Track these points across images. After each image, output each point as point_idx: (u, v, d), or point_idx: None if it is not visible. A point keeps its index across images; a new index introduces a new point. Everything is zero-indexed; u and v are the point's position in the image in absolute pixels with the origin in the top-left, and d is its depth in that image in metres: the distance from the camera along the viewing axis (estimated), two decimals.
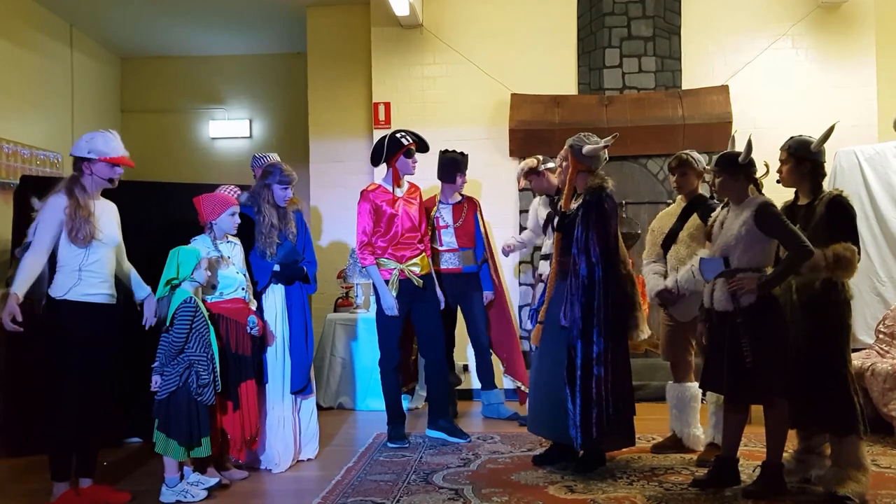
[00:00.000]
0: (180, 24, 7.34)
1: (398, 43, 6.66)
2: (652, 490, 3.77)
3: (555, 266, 4.25)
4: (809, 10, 6.42)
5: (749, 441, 4.40)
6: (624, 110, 6.21)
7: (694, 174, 4.41)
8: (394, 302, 4.76)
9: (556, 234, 4.24)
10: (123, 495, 3.80)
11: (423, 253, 4.93)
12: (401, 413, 4.94)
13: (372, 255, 4.80)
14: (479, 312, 5.47)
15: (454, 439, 4.86)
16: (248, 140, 8.24)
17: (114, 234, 3.82)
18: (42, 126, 6.75)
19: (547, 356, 4.17)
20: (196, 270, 3.84)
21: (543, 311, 4.24)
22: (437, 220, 5.43)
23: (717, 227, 3.78)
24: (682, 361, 4.47)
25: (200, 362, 3.78)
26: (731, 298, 3.58)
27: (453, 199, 5.49)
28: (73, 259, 3.64)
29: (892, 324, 5.07)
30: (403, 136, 4.87)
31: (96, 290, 3.70)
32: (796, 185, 3.76)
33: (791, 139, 3.77)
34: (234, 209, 4.14)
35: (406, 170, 4.90)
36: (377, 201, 4.81)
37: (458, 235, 5.42)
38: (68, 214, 3.61)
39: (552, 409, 4.09)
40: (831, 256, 3.49)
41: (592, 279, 3.99)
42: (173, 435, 3.73)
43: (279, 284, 4.43)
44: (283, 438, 4.37)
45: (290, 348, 4.42)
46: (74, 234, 3.60)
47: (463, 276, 5.43)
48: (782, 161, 3.76)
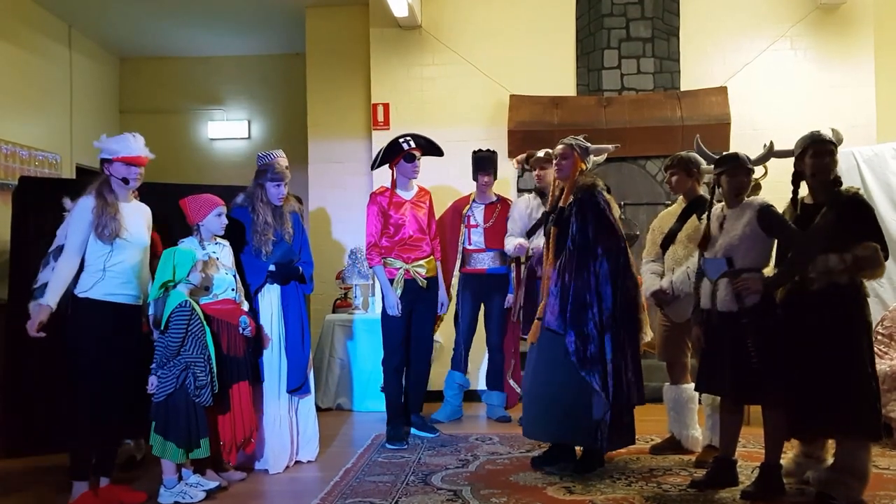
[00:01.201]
0: (179, 24, 7.33)
1: (397, 44, 6.66)
2: (650, 491, 3.77)
3: (551, 262, 4.20)
4: (808, 11, 6.43)
5: (748, 442, 4.41)
6: (623, 111, 6.21)
7: (686, 175, 4.39)
8: (396, 301, 4.81)
9: (553, 230, 4.18)
10: (140, 495, 3.83)
11: (430, 256, 4.98)
12: (401, 413, 4.95)
13: (379, 255, 4.87)
14: (496, 314, 5.49)
15: (424, 433, 5.00)
16: (246, 141, 8.25)
17: (141, 235, 3.84)
18: (41, 127, 6.74)
19: (544, 358, 4.15)
20: (192, 272, 3.83)
21: (542, 308, 4.20)
22: (468, 219, 5.46)
23: (715, 228, 3.78)
24: (679, 363, 4.47)
25: (197, 364, 3.77)
26: (735, 299, 3.59)
27: (486, 200, 5.52)
28: (97, 258, 3.67)
29: (890, 325, 5.07)
30: (406, 140, 4.91)
31: (119, 290, 3.72)
32: (825, 181, 3.66)
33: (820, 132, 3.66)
34: (220, 210, 4.13)
35: (407, 174, 4.95)
36: (384, 204, 4.88)
37: (487, 236, 5.44)
38: (95, 213, 3.66)
39: (551, 410, 4.07)
40: (850, 259, 3.45)
41: (598, 274, 3.97)
42: (171, 437, 3.72)
43: (275, 284, 4.42)
44: (280, 438, 4.37)
45: (286, 347, 4.42)
46: (101, 231, 3.65)
47: (486, 277, 5.46)
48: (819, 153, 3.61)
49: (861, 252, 3.46)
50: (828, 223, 3.54)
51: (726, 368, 3.62)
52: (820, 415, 3.50)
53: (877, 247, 3.48)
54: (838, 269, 3.45)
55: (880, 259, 3.49)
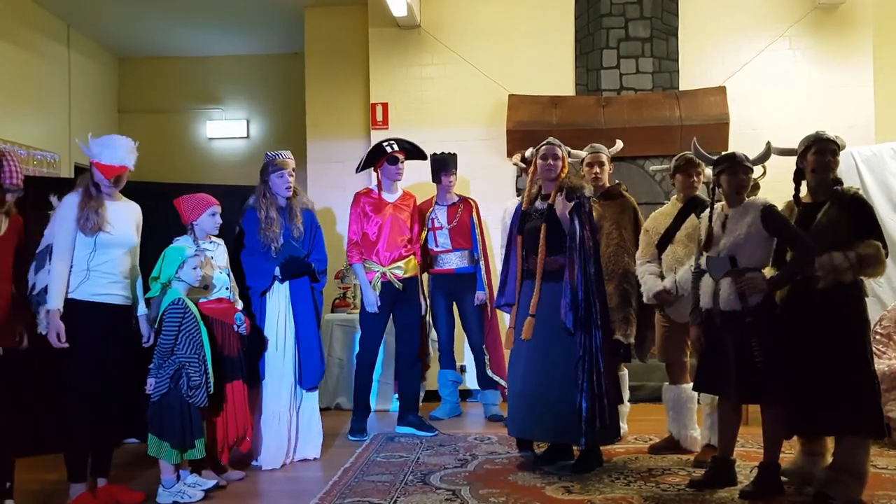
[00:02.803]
0: (178, 24, 7.33)
1: (396, 43, 6.66)
2: (649, 491, 3.76)
3: (542, 259, 4.17)
4: (807, 11, 6.43)
5: (746, 442, 4.41)
6: (621, 111, 6.21)
7: (697, 175, 4.41)
8: (375, 299, 4.97)
9: (544, 227, 4.17)
10: (137, 494, 3.81)
11: (410, 256, 5.11)
12: (366, 407, 5.17)
13: (360, 254, 5.03)
14: (470, 313, 5.54)
15: (423, 433, 5.03)
16: (245, 140, 8.25)
17: (128, 233, 3.77)
18: (39, 126, 6.74)
19: (539, 357, 4.12)
20: (181, 270, 3.81)
21: (534, 304, 4.17)
22: (433, 221, 5.51)
23: (718, 227, 3.77)
24: (678, 362, 4.47)
25: (191, 364, 3.76)
26: (738, 298, 3.59)
27: (448, 201, 5.56)
28: (81, 257, 3.62)
29: (888, 325, 5.08)
30: (389, 143, 5.09)
31: (105, 290, 3.66)
32: (825, 179, 3.68)
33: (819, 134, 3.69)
34: (214, 209, 4.12)
35: (390, 176, 5.10)
36: (367, 205, 5.05)
37: (452, 236, 5.49)
38: (79, 206, 3.62)
39: (547, 409, 4.05)
40: (854, 257, 3.47)
41: (588, 275, 4.05)
42: (166, 437, 3.72)
43: (283, 282, 4.45)
44: (278, 436, 4.38)
45: (300, 345, 4.44)
46: (83, 223, 3.60)
47: (455, 277, 5.51)
48: (821, 152, 3.63)
49: (864, 250, 3.48)
50: (830, 221, 3.56)
51: (730, 368, 3.62)
52: (824, 413, 3.50)
53: (879, 245, 3.51)
54: (843, 267, 3.46)
55: (882, 257, 3.51)
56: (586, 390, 3.95)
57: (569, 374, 4.00)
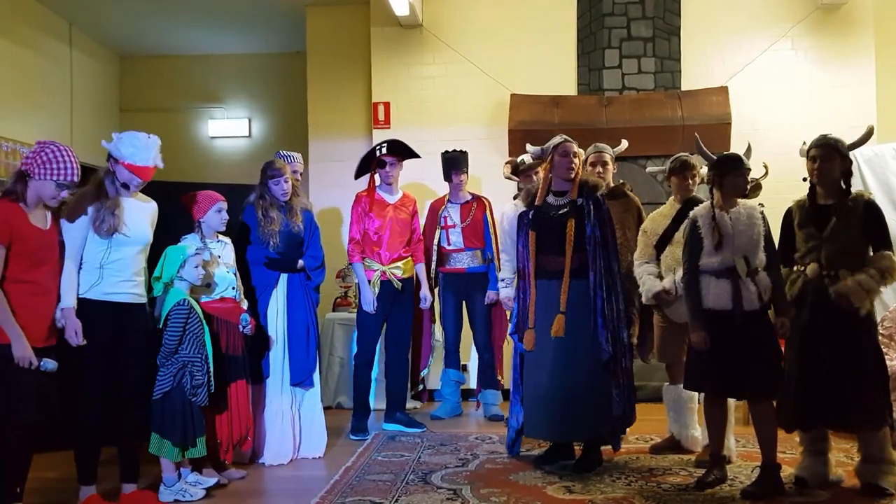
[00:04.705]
0: (179, 22, 7.33)
1: (398, 43, 6.66)
2: (650, 490, 3.77)
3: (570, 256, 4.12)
4: (809, 11, 6.43)
5: (748, 442, 4.41)
6: (623, 111, 6.21)
7: (692, 177, 4.40)
8: (372, 298, 5.01)
9: (571, 221, 4.11)
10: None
11: (408, 257, 5.18)
12: (366, 406, 5.18)
13: (360, 253, 5.06)
14: (479, 312, 5.53)
15: (411, 429, 5.09)
16: (247, 139, 8.25)
17: (143, 232, 3.71)
18: (41, 125, 6.74)
19: (569, 355, 4.07)
20: (183, 269, 3.81)
21: (564, 302, 4.09)
22: (445, 219, 5.51)
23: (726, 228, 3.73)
24: (678, 363, 4.44)
25: (194, 363, 3.76)
26: (757, 298, 3.64)
27: (461, 199, 5.56)
28: (94, 256, 3.56)
29: (890, 325, 5.07)
30: (380, 147, 5.17)
31: (118, 288, 3.60)
32: (829, 183, 3.73)
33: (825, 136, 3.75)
34: (220, 205, 4.12)
35: (384, 178, 5.18)
36: (367, 206, 5.09)
37: (465, 235, 5.49)
38: (94, 206, 3.55)
39: (581, 409, 4.05)
40: (878, 274, 3.56)
41: (612, 272, 4.11)
42: (167, 435, 3.71)
43: (280, 273, 4.47)
44: (280, 433, 4.40)
45: (289, 341, 4.46)
46: (98, 225, 3.53)
47: (466, 276, 5.51)
48: (822, 158, 3.70)
49: (883, 263, 3.59)
50: (844, 225, 3.62)
51: (752, 365, 3.62)
52: (843, 407, 3.56)
53: (891, 255, 3.61)
54: (876, 287, 3.56)
55: (895, 266, 3.61)
56: (618, 391, 4.03)
57: (597, 373, 4.04)
